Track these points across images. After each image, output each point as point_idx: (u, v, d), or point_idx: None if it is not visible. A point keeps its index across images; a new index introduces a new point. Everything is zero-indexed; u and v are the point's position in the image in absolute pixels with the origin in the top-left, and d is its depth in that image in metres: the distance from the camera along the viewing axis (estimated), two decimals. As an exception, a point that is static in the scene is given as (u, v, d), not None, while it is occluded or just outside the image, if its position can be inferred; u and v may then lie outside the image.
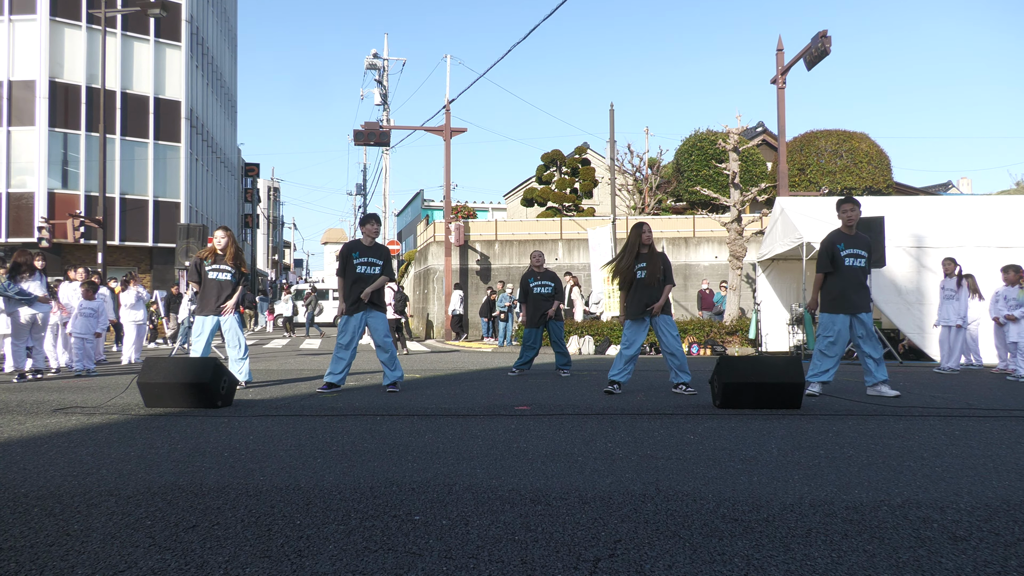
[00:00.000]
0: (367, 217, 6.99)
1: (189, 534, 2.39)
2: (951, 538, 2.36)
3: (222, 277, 6.94)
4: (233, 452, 3.79)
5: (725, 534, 2.39)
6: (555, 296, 9.09)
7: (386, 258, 6.87)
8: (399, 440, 4.16)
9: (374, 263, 6.79)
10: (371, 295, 6.74)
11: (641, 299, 6.58)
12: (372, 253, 6.82)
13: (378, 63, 31.60)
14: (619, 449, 3.88)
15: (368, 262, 6.79)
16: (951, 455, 3.72)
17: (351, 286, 6.78)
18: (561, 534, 2.38)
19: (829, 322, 6.39)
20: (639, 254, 6.62)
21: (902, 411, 5.41)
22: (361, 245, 6.88)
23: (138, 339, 11.90)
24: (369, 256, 6.81)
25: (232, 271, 6.97)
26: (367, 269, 6.78)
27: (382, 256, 6.85)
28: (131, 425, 4.72)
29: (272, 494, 2.91)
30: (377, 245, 6.91)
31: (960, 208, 12.46)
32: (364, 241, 6.89)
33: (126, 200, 26.42)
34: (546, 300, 9.03)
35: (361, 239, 6.91)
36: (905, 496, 2.88)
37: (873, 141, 24.00)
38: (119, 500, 2.81)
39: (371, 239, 6.89)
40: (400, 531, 2.42)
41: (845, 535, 2.38)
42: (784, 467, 3.43)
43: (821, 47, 13.97)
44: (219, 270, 6.94)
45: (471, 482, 3.11)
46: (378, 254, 6.83)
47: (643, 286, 6.57)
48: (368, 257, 6.80)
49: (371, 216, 6.98)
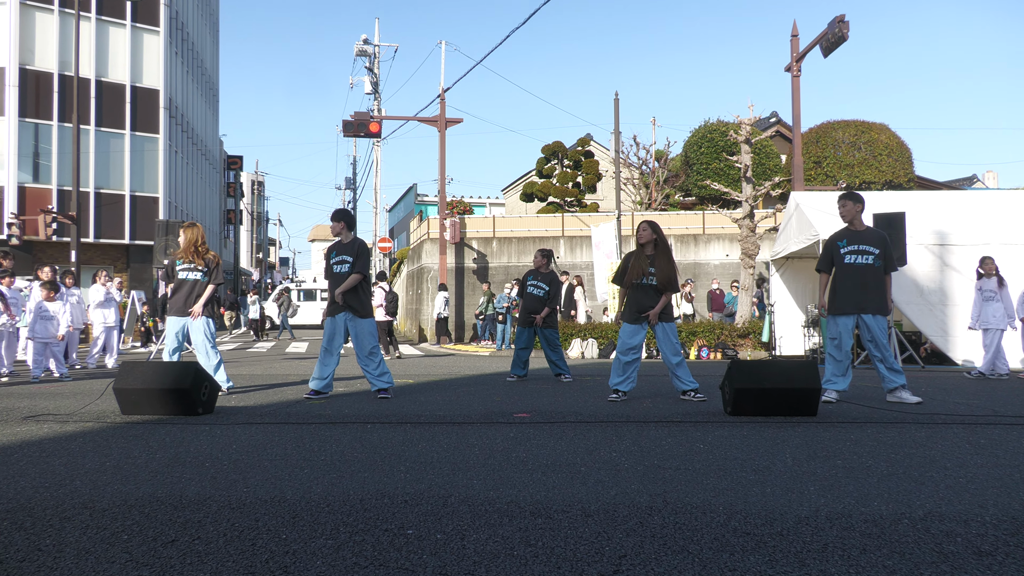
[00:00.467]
0: (335, 214, 6.98)
1: (168, 549, 2.39)
2: (976, 553, 2.36)
3: (191, 276, 6.96)
4: (215, 462, 3.79)
5: (736, 549, 2.39)
6: (547, 301, 8.90)
7: (357, 253, 6.84)
8: (391, 449, 4.16)
9: (345, 260, 6.82)
10: (351, 299, 6.73)
11: (636, 302, 6.60)
12: (346, 250, 6.85)
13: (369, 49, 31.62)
14: (624, 459, 3.88)
15: (341, 260, 6.83)
16: (976, 465, 3.72)
17: (330, 288, 6.85)
18: (563, 549, 2.38)
19: (831, 323, 6.45)
20: (648, 256, 6.63)
21: (924, 419, 5.42)
22: (339, 244, 6.93)
23: (109, 341, 11.87)
24: (343, 254, 6.84)
25: (203, 270, 6.98)
26: (340, 268, 6.81)
27: (353, 252, 6.85)
28: (107, 433, 4.72)
29: (256, 507, 2.90)
30: (353, 241, 6.92)
31: (986, 203, 12.47)
32: (342, 239, 6.92)
33: (101, 195, 26.40)
34: (537, 302, 8.93)
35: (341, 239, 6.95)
36: (927, 508, 2.88)
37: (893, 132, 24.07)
38: (94, 513, 2.81)
39: (348, 237, 6.91)
40: (392, 546, 2.42)
41: (864, 550, 2.38)
42: (799, 478, 3.43)
43: (838, 32, 13.99)
44: (189, 269, 6.96)
45: (467, 494, 3.11)
46: (350, 250, 6.85)
47: (638, 289, 6.58)
48: (342, 255, 6.84)
49: (336, 213, 6.97)
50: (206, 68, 37.23)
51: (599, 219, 22.76)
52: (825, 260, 6.53)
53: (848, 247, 6.41)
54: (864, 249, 6.38)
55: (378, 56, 31.94)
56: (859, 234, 6.45)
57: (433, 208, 37.19)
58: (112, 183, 26.76)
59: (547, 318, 8.91)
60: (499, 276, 22.19)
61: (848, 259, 6.39)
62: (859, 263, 6.37)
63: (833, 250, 6.48)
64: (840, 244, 6.45)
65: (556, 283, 9.05)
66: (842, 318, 6.38)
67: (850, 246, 6.41)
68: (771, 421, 5.27)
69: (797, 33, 15.47)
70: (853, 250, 6.39)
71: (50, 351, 9.02)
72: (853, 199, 6.51)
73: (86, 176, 25.35)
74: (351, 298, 6.75)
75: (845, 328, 6.37)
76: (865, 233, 6.48)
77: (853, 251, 6.39)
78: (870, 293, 6.35)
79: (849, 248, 6.41)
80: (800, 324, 13.78)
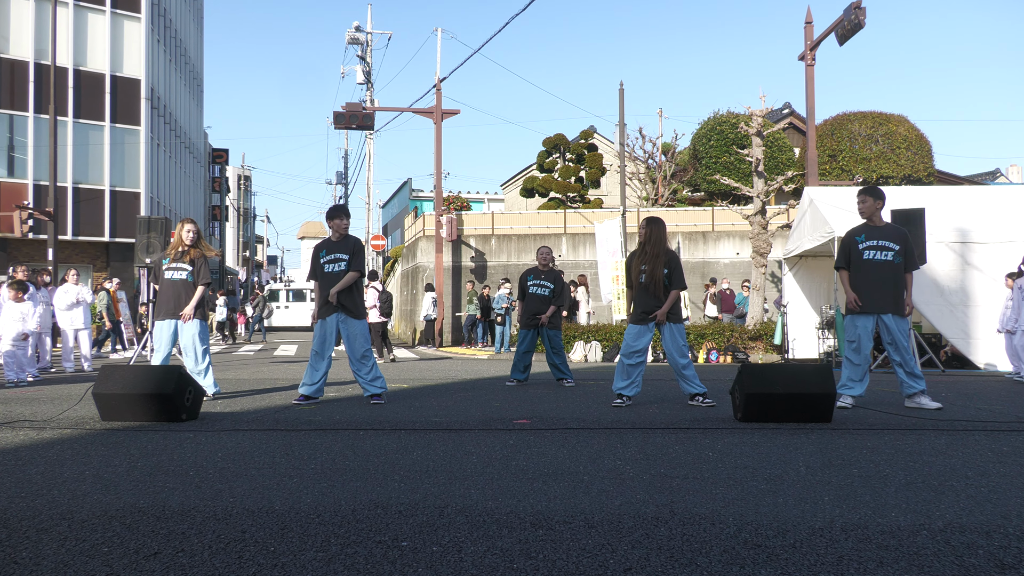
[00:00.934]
0: (333, 210, 6.96)
1: (151, 562, 2.39)
2: (998, 566, 2.36)
3: (178, 276, 6.95)
4: (199, 470, 3.79)
5: (747, 562, 2.40)
6: (553, 300, 8.95)
7: (353, 251, 6.85)
8: (385, 457, 4.17)
9: (340, 259, 6.81)
10: (345, 299, 6.73)
11: (639, 303, 6.62)
12: (338, 248, 6.84)
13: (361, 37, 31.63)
14: (629, 467, 3.89)
15: (334, 259, 6.81)
16: (998, 474, 3.73)
17: (321, 289, 6.82)
18: (564, 562, 2.39)
19: (850, 324, 6.43)
20: (643, 252, 6.65)
21: (944, 425, 5.43)
22: (329, 242, 6.91)
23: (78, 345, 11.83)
24: (335, 252, 6.82)
25: (189, 269, 6.97)
26: (333, 267, 6.80)
27: (348, 250, 6.84)
28: (86, 441, 4.72)
29: (243, 517, 2.91)
30: (346, 239, 6.91)
31: (1009, 199, 12.48)
32: (332, 237, 6.90)
33: (80, 190, 26.40)
34: (542, 302, 8.96)
35: (331, 236, 6.92)
36: (947, 519, 2.89)
37: (912, 124, 24.06)
38: (72, 524, 2.81)
39: (339, 234, 6.90)
40: (386, 558, 2.42)
41: (881, 562, 2.39)
42: (813, 487, 3.43)
43: (854, 19, 14.00)
44: (176, 268, 6.96)
45: (465, 504, 3.12)
46: (344, 248, 6.84)
47: (643, 289, 6.60)
48: (334, 253, 6.82)
49: (337, 209, 6.97)
50: (190, 57, 37.24)
51: (603, 215, 22.77)
52: (843, 256, 6.52)
53: (867, 242, 6.39)
54: (884, 245, 6.35)
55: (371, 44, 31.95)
56: (879, 229, 6.44)
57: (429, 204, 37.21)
58: (91, 178, 26.76)
59: (552, 318, 8.93)
60: (498, 275, 22.19)
61: (867, 255, 6.37)
62: (878, 259, 6.35)
63: (851, 246, 6.46)
64: (859, 239, 6.43)
65: (560, 281, 9.07)
66: (861, 318, 6.36)
67: (868, 241, 6.39)
68: (784, 428, 5.27)
69: (811, 20, 15.47)
70: (872, 246, 6.36)
71: (18, 354, 9.03)
72: (874, 195, 6.50)
73: (64, 170, 25.34)
74: (345, 298, 6.75)
75: (864, 330, 6.35)
76: (885, 229, 6.46)
77: (873, 247, 6.36)
78: (888, 291, 6.31)
79: (868, 243, 6.38)
80: (814, 326, 13.78)
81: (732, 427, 5.32)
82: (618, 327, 16.06)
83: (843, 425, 5.39)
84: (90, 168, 26.72)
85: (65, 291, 11.79)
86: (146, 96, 27.95)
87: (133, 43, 27.89)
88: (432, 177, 26.54)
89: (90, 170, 26.73)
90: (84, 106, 26.59)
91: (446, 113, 21.67)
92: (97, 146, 26.86)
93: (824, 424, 5.41)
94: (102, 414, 5.54)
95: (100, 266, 27.18)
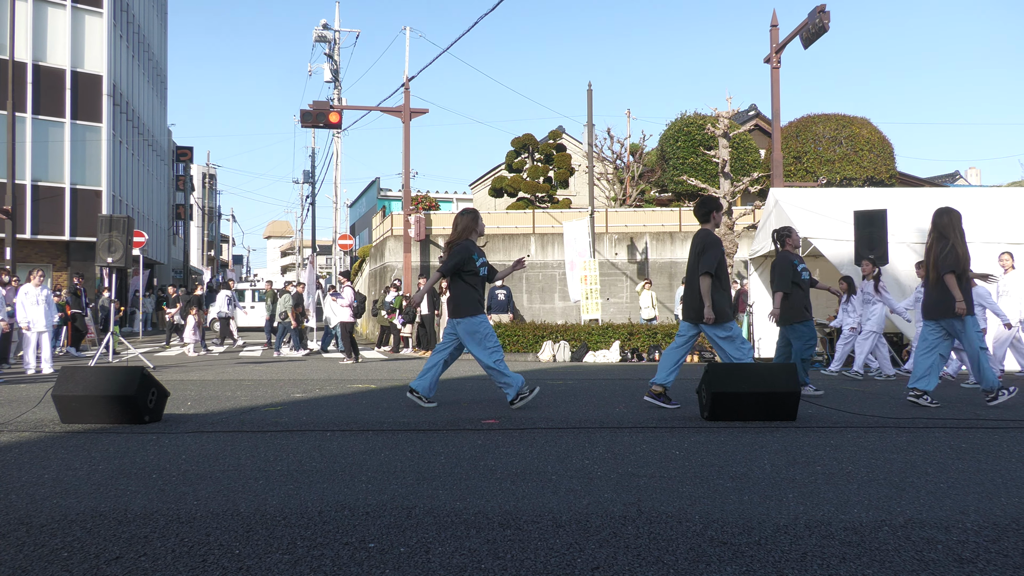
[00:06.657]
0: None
1: (112, 567, 2.35)
2: (957, 560, 2.42)
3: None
4: (162, 473, 3.74)
5: (713, 559, 2.42)
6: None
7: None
8: (352, 458, 4.15)
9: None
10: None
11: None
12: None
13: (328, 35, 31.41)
14: (597, 466, 3.91)
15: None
16: (957, 470, 3.81)
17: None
18: (533, 561, 2.40)
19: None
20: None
21: (905, 423, 5.53)
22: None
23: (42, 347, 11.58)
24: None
25: None
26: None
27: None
28: (45, 444, 4.63)
29: (207, 520, 2.87)
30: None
31: (968, 201, 12.72)
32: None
33: (39, 188, 25.84)
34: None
35: None
36: (908, 515, 2.94)
37: (875, 127, 24.47)
38: (31, 530, 2.76)
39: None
40: (352, 560, 2.41)
41: (843, 559, 2.43)
42: (778, 484, 3.48)
43: (819, 23, 14.20)
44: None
45: (432, 505, 3.11)
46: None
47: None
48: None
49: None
50: (153, 52, 36.66)
51: (572, 215, 22.85)
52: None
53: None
54: None
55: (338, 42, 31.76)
56: None
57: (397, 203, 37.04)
58: (51, 175, 26.21)
59: None
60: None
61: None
62: None
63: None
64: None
65: None
66: None
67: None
68: (749, 426, 5.34)
69: (777, 23, 15.67)
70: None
71: None
72: None
73: (22, 168, 24.77)
74: None
75: None
76: None
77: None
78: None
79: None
80: (779, 325, 13.95)
81: (699, 426, 5.37)
82: (586, 327, 16.10)
83: (808, 423, 5.47)
84: (50, 165, 26.18)
85: (26, 292, 11.54)
86: (108, 92, 27.46)
87: (95, 38, 27.38)
88: (400, 176, 26.44)
89: (50, 167, 26.19)
90: (44, 102, 26.04)
91: (414, 112, 21.58)
92: (57, 143, 26.34)
93: (789, 422, 5.49)
94: (62, 416, 5.43)
95: (60, 265, 26.65)
